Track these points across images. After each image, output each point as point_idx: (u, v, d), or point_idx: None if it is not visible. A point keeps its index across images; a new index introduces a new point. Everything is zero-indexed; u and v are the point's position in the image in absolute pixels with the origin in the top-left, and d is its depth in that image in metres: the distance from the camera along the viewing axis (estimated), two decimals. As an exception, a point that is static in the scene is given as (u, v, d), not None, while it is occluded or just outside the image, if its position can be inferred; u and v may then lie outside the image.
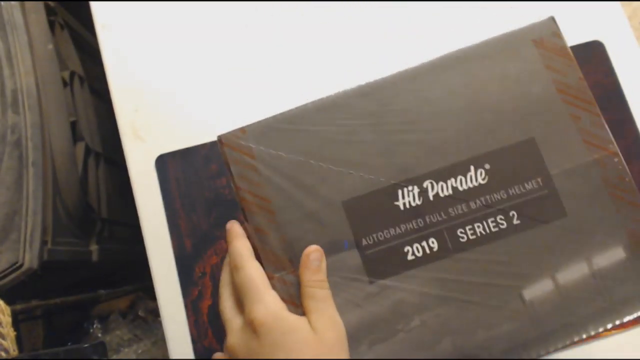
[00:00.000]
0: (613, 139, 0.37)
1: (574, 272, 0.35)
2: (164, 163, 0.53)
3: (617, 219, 0.36)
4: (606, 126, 0.37)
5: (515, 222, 0.36)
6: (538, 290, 0.35)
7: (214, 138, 0.54)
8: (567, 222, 0.36)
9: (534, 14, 0.41)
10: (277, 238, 0.36)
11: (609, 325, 0.35)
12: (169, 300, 0.50)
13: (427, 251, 0.35)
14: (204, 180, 0.53)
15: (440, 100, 0.37)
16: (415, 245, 0.35)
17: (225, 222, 0.53)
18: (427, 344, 0.34)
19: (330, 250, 0.35)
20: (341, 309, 0.35)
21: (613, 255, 0.35)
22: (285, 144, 0.36)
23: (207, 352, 0.49)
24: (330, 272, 0.35)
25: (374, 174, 0.36)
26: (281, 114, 0.37)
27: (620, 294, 0.35)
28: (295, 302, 0.35)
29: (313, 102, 0.37)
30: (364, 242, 0.35)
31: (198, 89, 0.56)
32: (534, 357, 0.35)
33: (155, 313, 1.06)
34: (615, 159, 0.36)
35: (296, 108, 0.37)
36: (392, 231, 0.36)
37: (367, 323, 0.34)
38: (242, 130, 0.37)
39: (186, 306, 0.50)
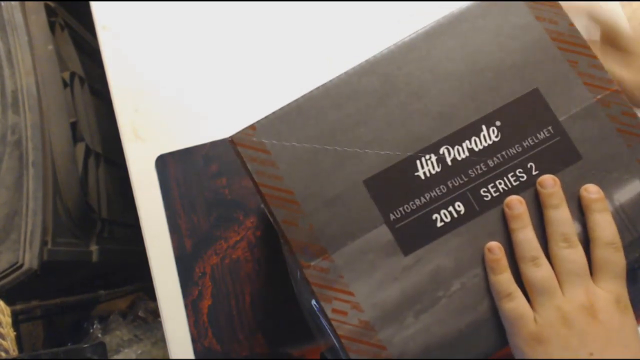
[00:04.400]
0: (612, 78, 0.38)
1: None
2: (164, 163, 0.53)
3: (629, 153, 0.37)
4: (603, 66, 0.38)
5: (534, 172, 0.36)
6: None
7: (214, 138, 0.55)
8: (583, 164, 0.36)
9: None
10: (305, 227, 0.36)
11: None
12: (169, 300, 0.50)
13: (455, 215, 0.36)
14: (204, 180, 0.53)
15: (441, 67, 0.38)
16: (443, 211, 0.36)
17: (225, 222, 0.53)
18: (470, 305, 0.35)
19: (360, 230, 0.36)
20: (381, 285, 0.35)
21: (631, 189, 0.36)
22: (297, 133, 0.37)
23: (207, 352, 0.49)
24: (365, 251, 0.36)
25: (390, 149, 0.37)
26: (287, 105, 0.37)
27: None
28: (333, 286, 0.35)
29: (317, 89, 0.38)
30: (392, 217, 0.36)
31: (198, 89, 0.56)
32: None
33: (155, 313, 1.06)
34: (618, 96, 0.37)
35: (301, 97, 0.37)
36: (417, 202, 0.36)
37: (409, 295, 0.35)
38: (252, 127, 0.37)
39: (186, 306, 0.50)
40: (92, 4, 0.58)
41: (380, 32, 0.57)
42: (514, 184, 0.36)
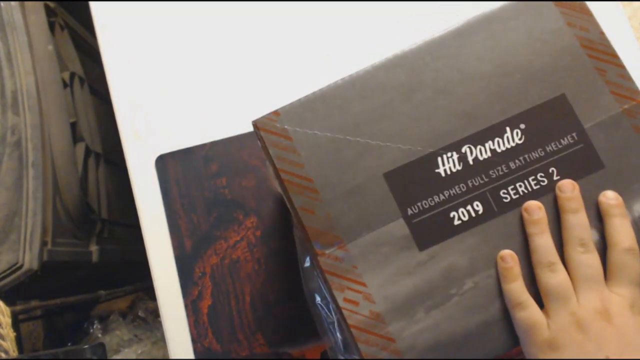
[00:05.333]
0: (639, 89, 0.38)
1: None
2: (164, 163, 0.53)
3: None
4: (632, 77, 0.37)
5: (556, 178, 0.36)
6: None
7: (214, 138, 0.55)
8: (605, 173, 0.36)
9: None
10: (323, 215, 0.36)
11: None
12: (169, 300, 0.50)
13: (473, 214, 0.36)
14: (204, 180, 0.53)
15: (468, 66, 0.38)
16: (461, 209, 0.36)
17: (225, 222, 0.53)
18: (481, 305, 0.35)
19: (377, 222, 0.36)
20: (394, 278, 0.35)
21: None
22: (320, 122, 0.37)
23: (207, 352, 0.49)
24: (380, 243, 0.36)
25: (412, 144, 0.37)
26: (312, 94, 0.37)
27: None
28: (346, 275, 0.35)
29: (343, 79, 0.38)
30: (410, 212, 0.36)
31: (198, 89, 0.56)
32: None
33: (155, 313, 1.06)
34: None
35: (326, 86, 0.38)
36: (435, 198, 0.36)
37: (421, 290, 0.35)
38: (276, 113, 0.37)
39: (186, 306, 0.50)
40: (91, 4, 0.58)
41: (379, 31, 0.57)
42: (534, 187, 0.36)
